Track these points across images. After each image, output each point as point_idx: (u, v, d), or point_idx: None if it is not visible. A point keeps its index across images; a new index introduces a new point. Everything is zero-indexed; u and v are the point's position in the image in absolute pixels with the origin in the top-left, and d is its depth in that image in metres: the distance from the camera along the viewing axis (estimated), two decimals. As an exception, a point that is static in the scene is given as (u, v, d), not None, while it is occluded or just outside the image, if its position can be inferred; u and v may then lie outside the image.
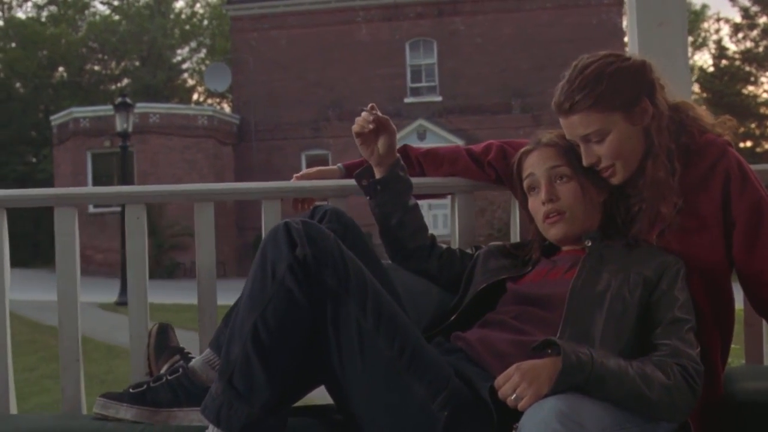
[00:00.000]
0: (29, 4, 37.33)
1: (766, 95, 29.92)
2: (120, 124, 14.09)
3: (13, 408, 2.03)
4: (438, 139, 20.03)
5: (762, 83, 30.18)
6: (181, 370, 1.68)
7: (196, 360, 1.72)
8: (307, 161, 21.30)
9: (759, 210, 1.69)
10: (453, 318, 1.75)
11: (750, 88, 29.86)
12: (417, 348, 1.48)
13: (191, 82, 35.17)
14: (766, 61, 29.06)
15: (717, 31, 35.71)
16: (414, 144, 2.14)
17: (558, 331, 1.54)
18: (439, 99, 21.28)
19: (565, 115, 1.70)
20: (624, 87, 1.67)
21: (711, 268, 1.70)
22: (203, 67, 31.56)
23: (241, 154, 21.89)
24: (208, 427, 1.46)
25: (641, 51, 2.08)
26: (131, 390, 1.69)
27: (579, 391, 1.36)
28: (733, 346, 1.79)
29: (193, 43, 34.86)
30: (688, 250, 1.68)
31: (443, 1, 21.46)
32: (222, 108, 28.80)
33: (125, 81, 32.89)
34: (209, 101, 33.51)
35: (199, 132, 20.89)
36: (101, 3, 35.48)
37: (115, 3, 33.99)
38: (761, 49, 29.38)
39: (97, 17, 33.98)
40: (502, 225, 16.73)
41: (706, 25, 33.08)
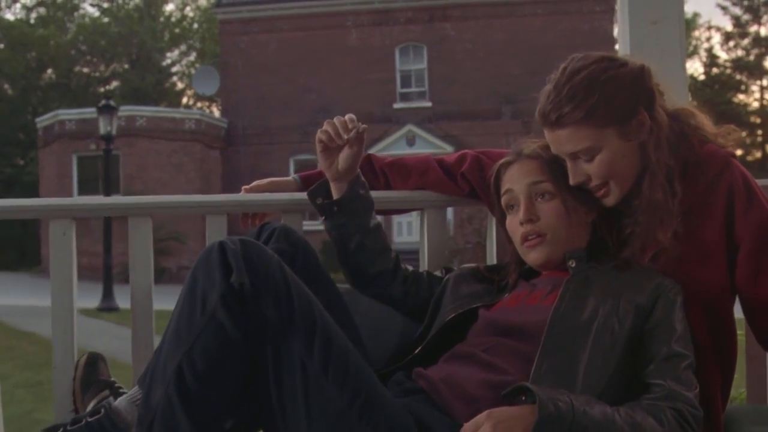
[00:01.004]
0: (18, 5, 37.05)
1: (756, 104, 29.93)
2: (103, 126, 13.86)
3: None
4: (427, 145, 19.88)
5: (753, 92, 30.22)
6: (103, 410, 1.47)
7: (121, 399, 1.50)
8: (296, 166, 21.14)
9: (766, 231, 1.48)
10: (417, 351, 1.54)
11: (741, 96, 29.92)
12: (371, 395, 1.27)
13: (181, 85, 34.97)
14: (756, 70, 29.10)
15: (708, 39, 35.73)
16: (403, 150, 1.92)
17: (533, 365, 1.34)
18: (429, 104, 21.16)
19: (551, 128, 1.48)
20: (619, 98, 1.45)
21: (712, 296, 1.50)
22: (193, 71, 31.33)
23: (229, 158, 21.75)
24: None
25: (633, 52, 1.88)
26: (45, 434, 1.47)
27: (559, 445, 1.17)
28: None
29: (183, 47, 34.67)
30: (686, 276, 1.47)
31: (434, 7, 21.35)
32: (212, 112, 28.65)
33: (114, 84, 32.68)
34: (199, 105, 33.35)
35: (187, 136, 20.75)
36: (90, 5, 35.42)
37: (105, 5, 33.78)
38: (752, 58, 29.42)
39: (86, 19, 33.77)
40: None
41: (697, 34, 33.10)
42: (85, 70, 33.19)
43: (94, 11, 34.48)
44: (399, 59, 21.54)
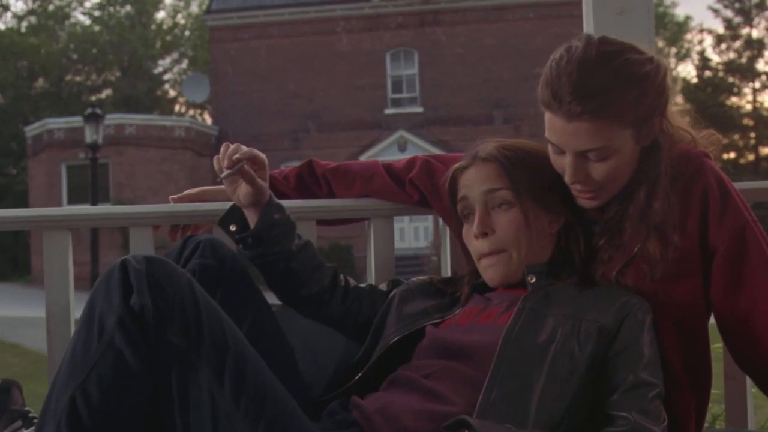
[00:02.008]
0: (9, 14, 36.89)
1: (749, 106, 29.83)
2: (90, 135, 13.77)
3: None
4: (419, 151, 19.73)
5: (745, 94, 30.09)
6: (5, 447, 1.32)
7: (26, 434, 1.36)
8: (287, 173, 20.98)
9: (742, 238, 1.33)
10: (357, 378, 1.38)
11: (733, 99, 29.81)
12: (290, 430, 1.12)
13: (172, 93, 34.80)
14: (749, 72, 29.04)
15: (700, 42, 35.53)
16: (394, 156, 1.76)
17: (481, 393, 1.19)
18: (420, 110, 21.03)
19: (568, 118, 1.26)
20: (648, 98, 1.29)
21: (686, 313, 1.35)
22: (185, 78, 31.19)
23: (220, 165, 21.58)
24: None
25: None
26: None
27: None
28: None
29: (175, 54, 34.51)
30: (658, 291, 1.32)
31: (424, 11, 21.24)
32: (204, 119, 28.48)
33: (106, 92, 32.52)
34: (191, 112, 33.17)
35: (176, 143, 20.64)
36: (82, 13, 35.14)
37: (96, 13, 33.65)
38: (744, 60, 29.35)
39: (78, 27, 33.63)
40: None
41: (689, 36, 33.07)
42: (77, 78, 33.03)
43: (85, 19, 34.29)
44: (390, 64, 21.42)
